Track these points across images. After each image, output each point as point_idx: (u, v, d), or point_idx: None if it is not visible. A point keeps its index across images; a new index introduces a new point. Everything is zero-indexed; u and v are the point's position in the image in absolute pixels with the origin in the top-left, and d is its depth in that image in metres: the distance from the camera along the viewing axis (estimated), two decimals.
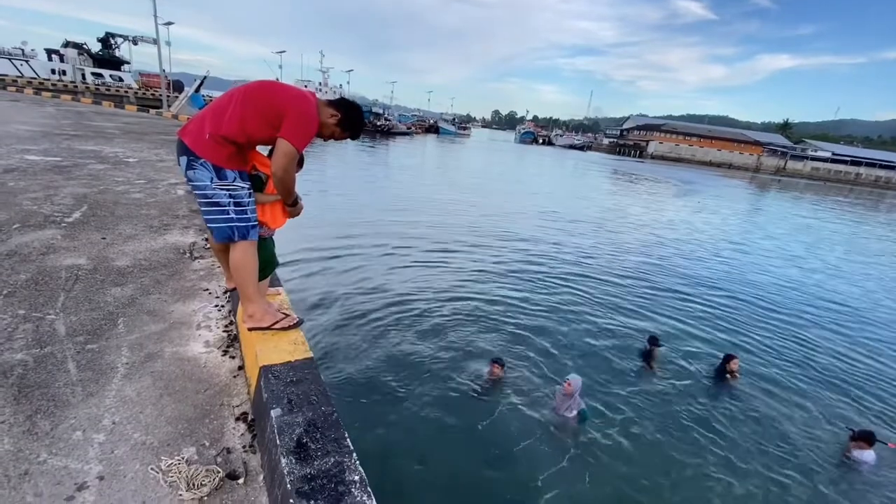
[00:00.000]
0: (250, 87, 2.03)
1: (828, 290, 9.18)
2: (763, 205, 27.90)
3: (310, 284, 5.94)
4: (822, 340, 6.47)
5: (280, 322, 2.25)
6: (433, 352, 4.78)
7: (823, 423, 4.46)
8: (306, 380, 1.87)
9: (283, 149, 1.97)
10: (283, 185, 2.11)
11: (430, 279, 6.77)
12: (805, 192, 41.79)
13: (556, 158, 53.18)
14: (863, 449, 3.83)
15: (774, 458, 3.87)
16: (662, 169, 52.89)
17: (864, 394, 5.12)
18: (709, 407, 4.49)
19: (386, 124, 58.45)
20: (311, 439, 1.52)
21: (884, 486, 3.68)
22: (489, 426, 3.77)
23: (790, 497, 3.46)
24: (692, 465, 3.64)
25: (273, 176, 2.06)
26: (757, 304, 7.64)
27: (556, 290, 7.03)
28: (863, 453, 3.82)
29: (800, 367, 5.59)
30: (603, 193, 23.43)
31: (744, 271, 9.83)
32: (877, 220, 26.54)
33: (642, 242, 11.53)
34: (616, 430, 3.92)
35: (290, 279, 5.84)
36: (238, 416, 1.88)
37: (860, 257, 13.45)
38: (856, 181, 73.45)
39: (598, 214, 15.18)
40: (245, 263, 2.11)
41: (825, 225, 20.50)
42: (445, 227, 10.46)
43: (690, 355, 5.45)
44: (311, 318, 4.99)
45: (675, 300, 7.28)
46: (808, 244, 14.45)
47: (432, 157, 36.57)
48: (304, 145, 2.03)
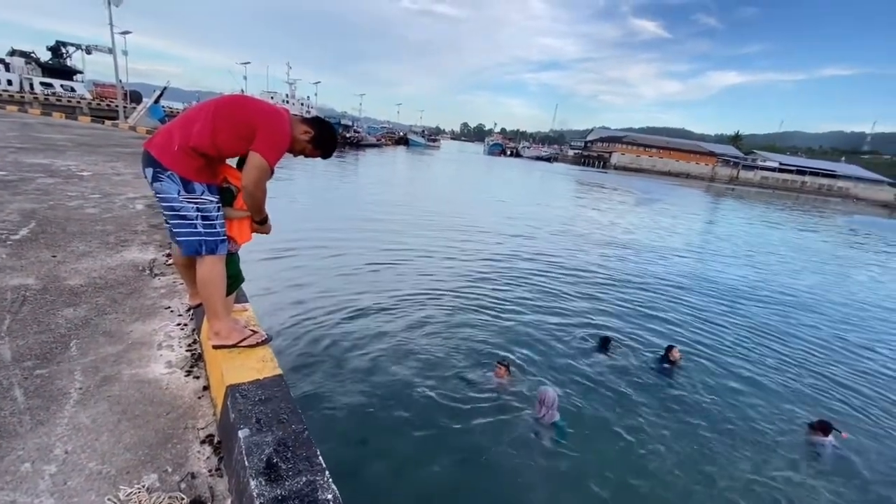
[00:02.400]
0: (223, 100, 2.01)
1: (774, 286, 9.72)
2: (716, 211, 29.35)
3: (278, 299, 5.79)
4: (771, 331, 6.86)
5: (247, 339, 2.19)
6: (404, 362, 4.74)
7: (778, 412, 4.71)
8: (275, 398, 1.82)
9: (255, 162, 1.94)
10: (254, 200, 2.07)
11: (401, 290, 6.73)
12: (756, 199, 44.29)
13: (524, 170, 54.27)
14: (820, 437, 4.08)
15: (737, 446, 4.06)
16: (625, 179, 54.87)
17: (813, 381, 5.46)
18: (661, 398, 4.69)
19: (355, 136, 58.14)
20: (281, 459, 1.48)
21: (840, 472, 3.92)
22: (464, 436, 3.76)
23: (755, 487, 3.62)
24: (658, 461, 3.74)
25: (244, 189, 2.02)
26: (708, 300, 7.99)
27: (526, 291, 7.14)
28: (821, 439, 4.07)
29: (750, 356, 5.94)
30: (569, 201, 24.05)
31: (697, 270, 10.28)
32: (824, 224, 28.38)
33: (601, 244, 11.89)
34: (586, 435, 3.99)
35: (258, 294, 5.68)
36: (203, 439, 1.80)
37: (803, 255, 14.33)
38: (801, 189, 78.43)
39: (565, 220, 15.55)
40: (212, 279, 2.06)
41: (775, 229, 21.75)
42: (418, 236, 10.46)
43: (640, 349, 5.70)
44: (280, 333, 4.86)
45: (628, 297, 7.53)
46: (759, 246, 15.28)
47: (403, 168, 36.60)
48: (277, 159, 2.02)
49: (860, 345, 7.02)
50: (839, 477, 3.85)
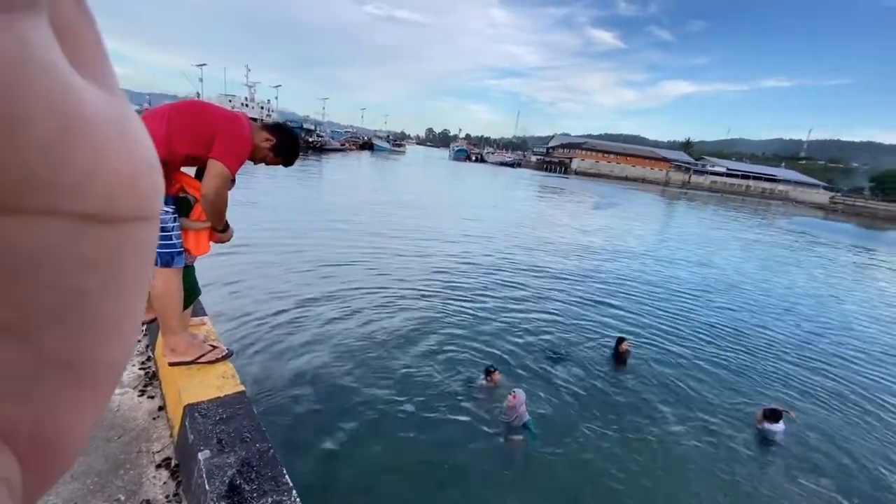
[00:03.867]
0: (180, 105, 1.94)
1: (722, 282, 10.29)
2: (671, 214, 30.82)
3: (239, 312, 5.57)
4: (720, 324, 7.23)
5: (206, 355, 2.10)
6: (372, 373, 4.67)
7: (730, 402, 4.97)
8: (238, 416, 1.75)
9: (215, 170, 1.88)
10: (215, 209, 1.99)
11: (368, 299, 6.64)
12: (707, 202, 46.81)
13: (490, 175, 55.01)
14: (770, 423, 4.34)
15: (692, 436, 4.24)
16: (585, 184, 56.65)
17: (761, 369, 5.84)
18: (614, 392, 4.86)
19: (318, 140, 57.18)
20: (245, 480, 1.42)
21: (792, 453, 4.22)
22: (438, 446, 3.73)
23: (716, 474, 3.80)
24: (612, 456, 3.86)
25: (203, 199, 1.94)
26: (662, 296, 8.36)
27: (495, 292, 7.22)
28: (773, 426, 4.33)
29: (700, 348, 6.27)
30: (532, 205, 24.57)
31: (650, 268, 10.74)
32: (766, 225, 30.32)
33: (561, 244, 12.21)
34: (550, 432, 4.06)
35: (217, 307, 5.45)
36: (159, 463, 1.70)
37: (749, 254, 15.27)
38: (746, 192, 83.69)
39: (528, 222, 15.85)
40: (167, 292, 1.96)
41: (724, 230, 23.07)
42: (385, 243, 10.37)
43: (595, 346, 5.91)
44: (241, 347, 4.67)
45: (584, 294, 7.77)
46: (705, 243, 16.16)
47: (368, 173, 36.26)
48: (238, 167, 1.96)
49: (803, 333, 7.55)
50: (792, 461, 4.13)
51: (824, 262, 16.80)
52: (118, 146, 0.14)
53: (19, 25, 0.11)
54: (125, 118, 0.15)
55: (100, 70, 0.14)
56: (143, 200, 0.15)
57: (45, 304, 0.13)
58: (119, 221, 0.14)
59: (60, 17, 0.13)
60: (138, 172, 0.15)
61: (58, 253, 0.13)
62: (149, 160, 0.15)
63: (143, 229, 0.15)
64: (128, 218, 0.15)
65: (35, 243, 0.13)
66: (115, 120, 0.14)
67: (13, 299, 0.13)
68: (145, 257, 0.16)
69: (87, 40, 0.14)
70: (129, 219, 0.15)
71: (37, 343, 0.14)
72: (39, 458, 0.15)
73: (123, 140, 0.14)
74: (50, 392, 0.15)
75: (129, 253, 0.15)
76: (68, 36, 0.13)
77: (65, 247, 0.13)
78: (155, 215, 0.16)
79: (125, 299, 0.16)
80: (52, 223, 0.13)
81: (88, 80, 0.14)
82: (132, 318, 0.17)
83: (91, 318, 0.15)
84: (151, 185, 0.15)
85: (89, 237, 0.14)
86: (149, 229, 0.16)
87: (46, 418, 0.15)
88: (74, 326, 0.14)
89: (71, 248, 0.13)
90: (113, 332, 0.16)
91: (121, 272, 0.15)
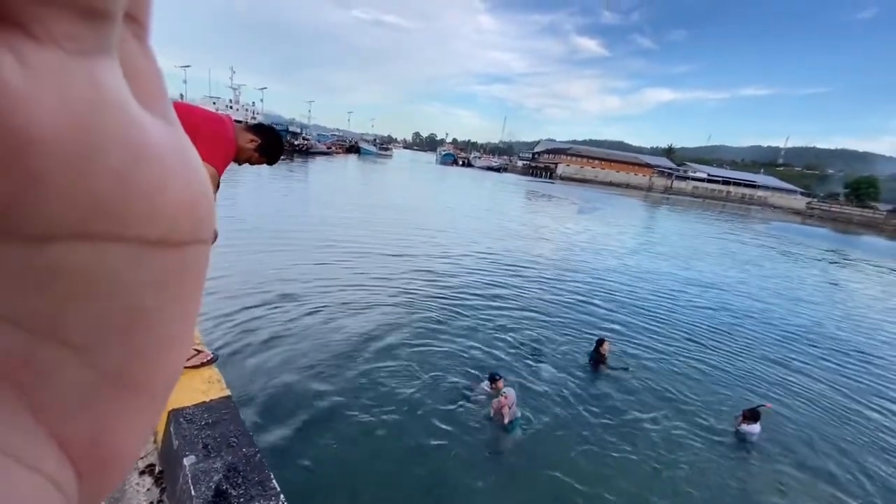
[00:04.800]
0: None
1: (702, 285, 10.52)
2: (653, 219, 31.36)
3: (223, 315, 5.50)
4: (700, 326, 7.39)
5: (191, 360, 2.08)
6: (360, 375, 4.65)
7: (710, 401, 5.09)
8: (224, 420, 1.73)
9: None
10: None
11: (354, 301, 6.62)
12: (689, 207, 47.76)
13: (477, 179, 55.26)
14: (751, 424, 4.46)
15: (673, 436, 4.32)
16: (571, 189, 57.35)
17: (740, 369, 5.95)
18: (594, 393, 4.93)
19: (304, 144, 56.79)
20: (231, 485, 1.41)
21: (769, 451, 4.35)
22: (422, 448, 3.73)
23: (697, 475, 3.87)
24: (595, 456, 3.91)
25: None
26: (642, 298, 8.51)
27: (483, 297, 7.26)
28: (751, 427, 4.45)
29: (680, 349, 6.38)
30: (519, 209, 24.76)
31: (634, 271, 10.92)
32: (746, 229, 31.08)
33: (547, 248, 12.35)
34: (539, 436, 4.10)
35: (201, 311, 5.36)
36: (143, 470, 1.68)
37: (730, 258, 15.62)
38: (727, 198, 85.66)
39: (514, 226, 15.97)
40: None
41: (702, 233, 23.57)
42: (371, 246, 10.33)
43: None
44: (226, 352, 4.61)
45: (567, 297, 7.87)
46: (686, 247, 16.48)
47: (354, 177, 36.11)
48: (224, 168, 1.95)
49: (780, 333, 7.78)
50: (769, 461, 4.24)
51: (803, 265, 17.27)
52: (179, 175, 0.15)
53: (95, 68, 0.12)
54: (185, 149, 0.16)
55: (160, 103, 0.15)
56: (200, 225, 0.16)
57: (113, 324, 0.14)
58: (180, 245, 0.15)
59: (128, 56, 0.14)
60: (196, 199, 0.16)
61: (126, 276, 0.14)
62: (204, 187, 0.16)
63: (200, 251, 0.16)
64: (187, 241, 0.16)
65: (106, 267, 0.13)
66: (176, 151, 0.15)
67: (84, 321, 0.14)
68: (201, 276, 0.17)
69: (151, 76, 0.15)
70: (188, 242, 0.16)
71: (101, 361, 0.14)
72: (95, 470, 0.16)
73: (184, 169, 0.15)
74: (109, 407, 0.15)
75: (187, 274, 0.16)
76: (134, 73, 0.14)
77: (132, 270, 0.14)
78: (209, 238, 0.17)
79: (183, 316, 0.17)
80: (122, 248, 0.14)
81: (151, 113, 0.14)
82: (188, 334, 0.18)
83: (154, 335, 0.16)
84: (206, 209, 0.16)
85: (154, 260, 0.15)
86: (204, 251, 0.17)
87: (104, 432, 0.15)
88: (138, 344, 0.15)
89: (138, 270, 0.14)
90: (171, 348, 0.17)
91: (181, 291, 0.16)
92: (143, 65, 0.15)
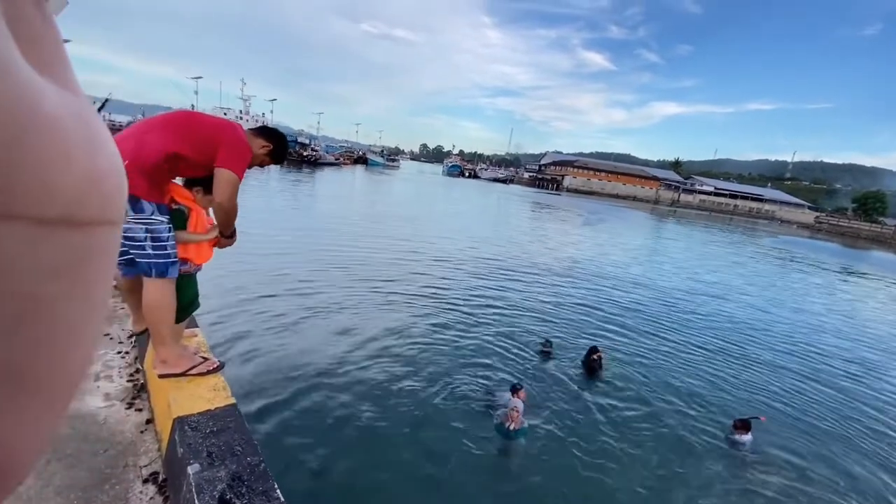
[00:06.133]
0: (175, 115, 1.98)
1: (706, 294, 10.40)
2: (660, 230, 31.22)
3: (230, 323, 5.50)
4: (697, 336, 7.28)
5: (197, 367, 2.08)
6: (367, 385, 4.61)
7: (703, 412, 5.03)
8: (229, 429, 1.73)
9: (225, 177, 1.95)
10: (228, 215, 2.10)
11: (360, 309, 6.60)
12: (696, 220, 47.46)
13: (483, 191, 55.38)
14: (742, 434, 4.46)
15: (665, 446, 4.28)
16: (578, 201, 57.28)
17: (734, 380, 5.92)
18: (585, 401, 4.88)
19: (313, 154, 57.35)
20: (235, 495, 1.40)
21: (759, 461, 4.31)
22: (429, 458, 3.68)
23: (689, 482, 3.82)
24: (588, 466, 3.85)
25: (218, 206, 2.03)
26: (645, 308, 8.43)
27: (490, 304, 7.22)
28: (742, 436, 4.45)
29: (676, 360, 6.32)
30: (526, 221, 24.77)
31: (634, 281, 10.83)
32: (755, 244, 30.82)
33: (552, 260, 12.29)
34: (534, 445, 4.05)
35: (208, 318, 5.38)
36: (146, 478, 1.67)
37: (732, 270, 15.45)
38: (734, 211, 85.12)
39: (522, 237, 15.94)
40: (161, 303, 1.94)
41: (709, 245, 23.40)
42: (377, 256, 10.35)
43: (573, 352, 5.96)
44: (232, 359, 4.60)
45: (571, 307, 7.81)
46: (693, 259, 16.34)
47: (361, 188, 36.35)
48: (243, 173, 2.04)
49: (782, 344, 7.69)
50: (761, 470, 4.20)
51: (810, 280, 17.06)
52: (81, 147, 0.13)
53: None
54: (88, 119, 0.14)
55: (60, 69, 0.14)
56: (108, 204, 0.14)
57: (1, 312, 0.12)
58: (83, 225, 0.14)
59: (19, 18, 0.12)
60: (102, 175, 0.14)
61: (17, 259, 0.12)
62: (113, 162, 0.15)
63: (108, 234, 0.15)
64: (92, 222, 0.14)
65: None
66: (78, 122, 0.14)
67: None
68: (109, 262, 0.16)
69: (46, 38, 0.13)
70: (93, 223, 0.14)
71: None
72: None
73: (87, 141, 0.14)
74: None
75: (92, 258, 0.15)
76: (26, 34, 0.13)
77: (25, 252, 0.12)
78: (119, 219, 0.15)
79: (87, 306, 0.15)
80: (12, 228, 0.12)
81: (49, 79, 0.13)
82: (93, 326, 0.16)
83: (50, 326, 0.14)
84: (116, 187, 0.15)
85: (52, 242, 0.13)
86: (113, 233, 0.15)
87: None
88: (32, 335, 0.13)
89: (32, 253, 0.12)
90: (73, 341, 0.15)
91: (84, 278, 0.14)
92: (38, 28, 0.13)
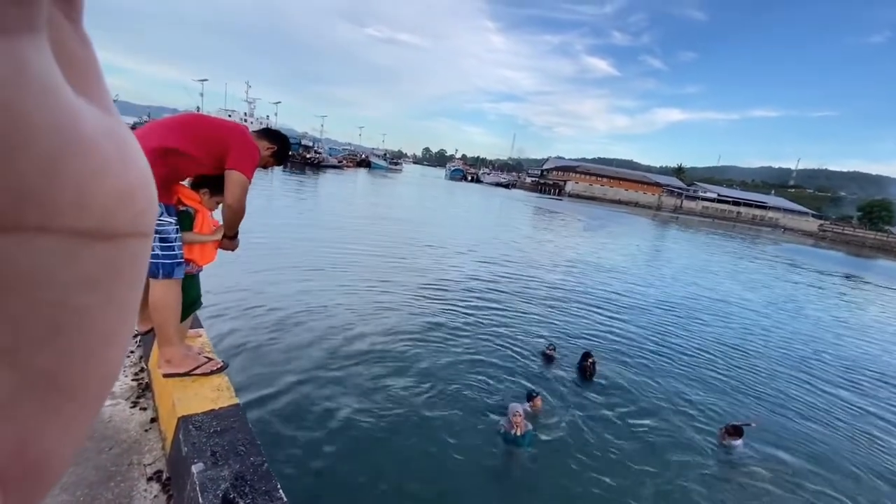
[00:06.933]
0: (183, 118, 2.02)
1: (707, 299, 10.38)
2: (662, 237, 31.17)
3: (234, 323, 5.52)
4: (693, 342, 7.29)
5: (202, 367, 2.10)
6: (371, 387, 4.62)
7: (696, 418, 5.02)
8: (232, 429, 1.74)
9: (235, 179, 1.99)
10: (237, 216, 2.14)
11: (366, 310, 6.62)
12: (699, 227, 47.37)
13: (485, 195, 55.45)
14: (734, 439, 4.49)
15: (657, 453, 4.26)
16: (579, 206, 57.26)
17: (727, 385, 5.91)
18: (581, 406, 4.88)
19: (316, 157, 57.61)
20: (238, 494, 1.41)
21: (750, 465, 4.33)
22: (434, 460, 3.68)
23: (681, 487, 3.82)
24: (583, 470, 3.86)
25: (227, 207, 2.07)
26: (645, 314, 8.42)
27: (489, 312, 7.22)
28: (734, 442, 4.48)
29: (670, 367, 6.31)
30: (528, 225, 24.78)
31: (633, 288, 10.82)
32: (758, 252, 30.73)
33: (550, 265, 12.29)
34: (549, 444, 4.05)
35: (212, 318, 5.40)
36: (150, 476, 1.68)
37: (734, 278, 15.41)
38: (737, 218, 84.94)
39: (523, 242, 15.95)
40: (167, 303, 1.97)
41: (711, 253, 23.35)
42: (384, 257, 10.38)
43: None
44: (237, 359, 4.61)
45: (572, 311, 7.80)
46: (695, 266, 16.31)
47: (364, 190, 36.46)
48: (252, 174, 2.09)
49: (777, 353, 7.66)
50: (753, 475, 4.20)
51: (815, 289, 17.00)
52: (115, 163, 0.14)
53: (19, 47, 0.11)
54: (121, 136, 0.15)
55: (96, 90, 0.14)
56: (140, 216, 0.15)
57: (40, 322, 0.13)
58: (116, 237, 0.14)
59: (59, 39, 0.13)
60: (134, 189, 0.15)
61: (55, 270, 0.13)
62: (144, 176, 0.15)
63: (139, 245, 0.16)
64: (125, 234, 0.15)
65: (32, 260, 0.12)
66: (112, 138, 0.14)
67: (6, 319, 0.12)
68: (140, 273, 0.16)
69: (85, 61, 0.14)
70: (125, 235, 0.15)
71: (27, 363, 0.13)
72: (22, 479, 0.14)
73: (120, 157, 0.14)
74: (37, 411, 0.14)
75: (125, 268, 0.15)
76: (66, 57, 0.13)
77: (63, 263, 0.13)
78: (150, 231, 0.16)
79: (119, 314, 0.16)
80: (50, 240, 0.12)
81: (86, 99, 0.14)
82: (125, 333, 0.16)
83: (86, 334, 0.15)
84: (147, 200, 0.15)
85: (87, 253, 0.14)
86: (144, 245, 0.16)
87: (31, 438, 0.14)
88: (68, 344, 0.14)
89: (69, 264, 0.13)
90: (106, 348, 0.16)
91: (118, 287, 0.15)
92: (77, 49, 0.14)
